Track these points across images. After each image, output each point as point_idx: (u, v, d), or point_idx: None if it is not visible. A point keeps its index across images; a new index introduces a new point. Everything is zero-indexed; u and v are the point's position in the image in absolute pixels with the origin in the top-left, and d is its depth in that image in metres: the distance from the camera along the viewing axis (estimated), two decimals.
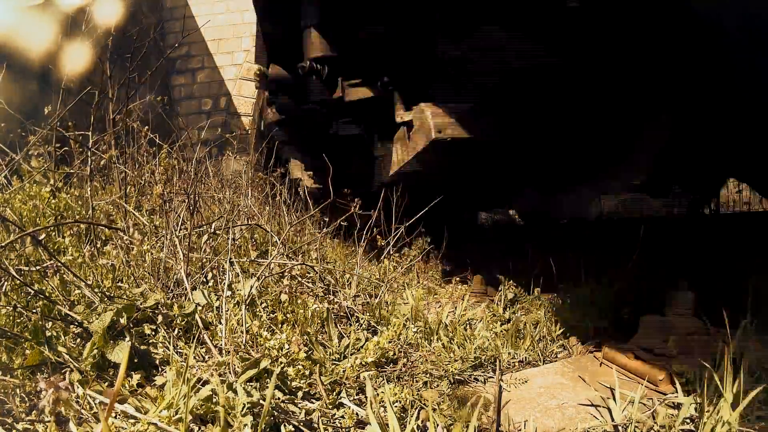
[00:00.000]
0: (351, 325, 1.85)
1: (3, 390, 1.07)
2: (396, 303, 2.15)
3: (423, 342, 1.78)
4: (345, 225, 2.84)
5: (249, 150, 5.11)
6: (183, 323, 1.53)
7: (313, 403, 1.28)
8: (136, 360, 1.28)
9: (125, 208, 2.25)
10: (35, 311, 1.35)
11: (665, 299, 1.64)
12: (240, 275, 1.80)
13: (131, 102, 2.83)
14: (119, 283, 1.80)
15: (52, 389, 0.69)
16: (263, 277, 1.90)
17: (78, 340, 1.35)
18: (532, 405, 1.41)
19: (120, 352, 1.22)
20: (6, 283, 1.46)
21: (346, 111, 3.11)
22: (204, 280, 1.90)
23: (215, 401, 1.08)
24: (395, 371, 1.58)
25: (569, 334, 1.96)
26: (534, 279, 2.44)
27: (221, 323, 1.50)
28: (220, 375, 1.21)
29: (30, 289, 1.40)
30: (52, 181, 2.54)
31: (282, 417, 1.14)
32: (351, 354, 1.62)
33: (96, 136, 2.58)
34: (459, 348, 1.74)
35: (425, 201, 2.71)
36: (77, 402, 1.08)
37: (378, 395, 1.29)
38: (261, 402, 1.11)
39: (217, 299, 1.68)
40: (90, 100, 2.41)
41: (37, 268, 1.65)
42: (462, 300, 2.23)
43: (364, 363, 1.50)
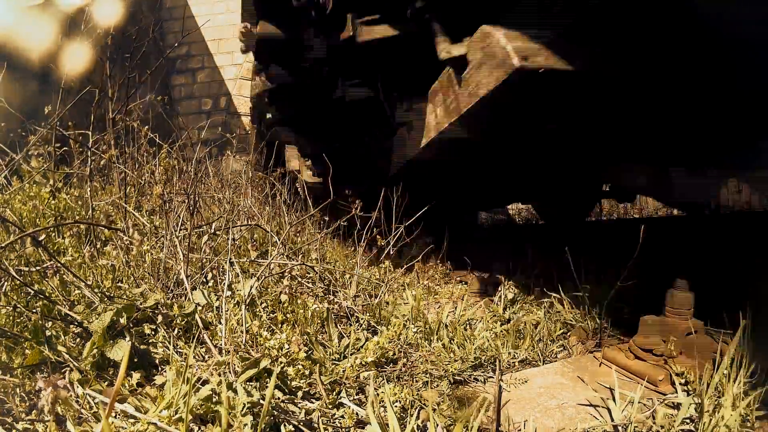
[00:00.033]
0: (351, 325, 1.85)
1: (3, 389, 1.07)
2: (396, 303, 2.15)
3: (423, 342, 1.78)
4: (345, 225, 2.83)
5: (249, 150, 5.09)
6: (183, 323, 1.53)
7: (313, 403, 1.28)
8: (136, 360, 1.28)
9: (125, 208, 2.25)
10: (35, 311, 1.35)
11: (665, 299, 1.64)
12: (240, 275, 1.80)
13: (131, 102, 2.84)
14: (119, 284, 1.80)
15: (51, 388, 0.69)
16: (263, 277, 1.90)
17: (78, 339, 1.35)
18: (532, 405, 1.41)
19: (120, 350, 1.22)
20: (6, 284, 1.46)
21: (355, 66, 2.50)
22: (204, 280, 1.90)
23: (215, 401, 1.08)
24: (395, 371, 1.58)
25: (569, 334, 1.96)
26: (534, 279, 2.45)
27: (221, 323, 1.50)
28: (220, 375, 1.21)
29: (30, 289, 1.40)
30: (51, 182, 2.54)
31: (282, 417, 1.14)
32: (351, 354, 1.62)
33: (96, 135, 2.59)
34: (459, 348, 1.74)
35: (425, 200, 2.69)
36: (77, 401, 1.08)
37: (378, 395, 1.29)
38: (261, 402, 1.11)
39: (217, 299, 1.69)
40: (90, 99, 2.41)
41: (37, 268, 1.65)
42: (462, 300, 2.23)
43: (364, 363, 1.50)
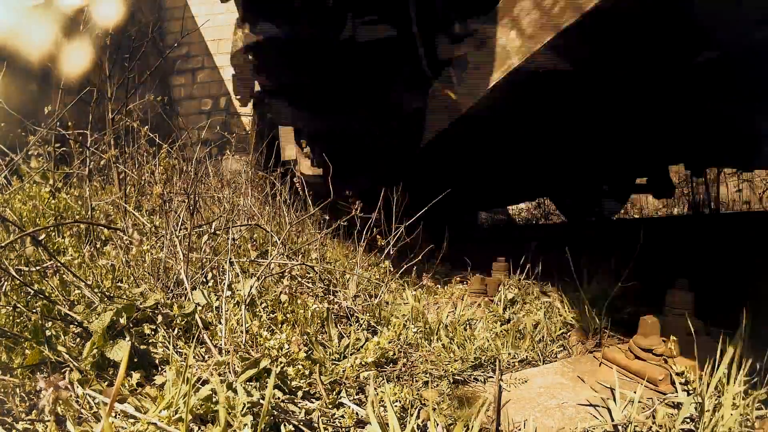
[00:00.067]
0: (351, 325, 1.85)
1: (3, 390, 1.07)
2: (396, 303, 2.15)
3: (423, 342, 1.78)
4: (345, 225, 2.83)
5: (249, 150, 5.08)
6: (183, 323, 1.53)
7: (313, 403, 1.28)
8: (135, 359, 1.28)
9: (125, 208, 2.25)
10: (35, 311, 1.35)
11: (665, 299, 1.64)
12: (240, 275, 1.80)
13: (131, 102, 2.84)
14: (119, 283, 1.80)
15: (51, 388, 0.69)
16: (263, 277, 1.90)
17: (78, 339, 1.35)
18: (531, 405, 1.41)
19: (120, 350, 1.22)
20: (6, 283, 1.46)
21: None
22: (204, 280, 1.90)
23: (215, 401, 1.08)
24: (395, 371, 1.58)
25: (569, 334, 1.96)
26: (534, 279, 2.45)
27: (221, 323, 1.50)
28: (219, 375, 1.21)
29: (30, 289, 1.40)
30: (51, 182, 2.54)
31: (282, 416, 1.14)
32: (351, 354, 1.62)
33: (95, 135, 2.59)
34: (459, 348, 1.74)
35: (425, 200, 2.69)
36: (77, 401, 1.08)
37: (378, 395, 1.29)
38: (261, 402, 1.11)
39: (217, 299, 1.69)
40: (90, 100, 2.42)
41: (37, 268, 1.65)
42: (462, 300, 2.23)
43: (364, 363, 1.50)
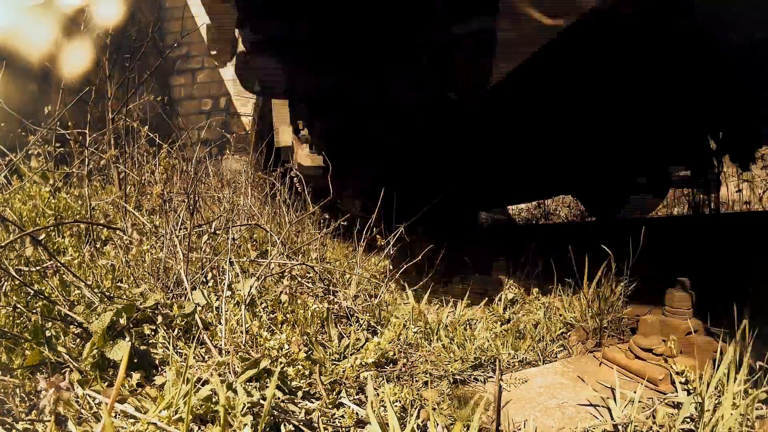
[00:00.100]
0: (351, 326, 1.85)
1: (3, 390, 1.07)
2: (396, 303, 2.15)
3: (423, 342, 1.78)
4: (345, 224, 2.83)
5: (249, 150, 5.08)
6: (183, 323, 1.53)
7: (313, 403, 1.28)
8: (135, 360, 1.28)
9: (125, 207, 2.25)
10: (35, 311, 1.35)
11: (665, 299, 1.64)
12: (240, 275, 1.80)
13: (131, 102, 2.83)
14: (119, 284, 1.80)
15: (52, 389, 0.69)
16: (263, 277, 1.90)
17: (78, 340, 1.35)
18: (532, 405, 1.41)
19: (120, 350, 1.22)
20: (6, 284, 1.46)
21: None
22: (204, 280, 1.90)
23: (215, 401, 1.08)
24: (395, 371, 1.58)
25: (569, 333, 1.96)
26: (534, 279, 2.45)
27: (221, 323, 1.50)
28: (219, 375, 1.21)
29: (30, 290, 1.40)
30: (51, 181, 2.54)
31: (282, 416, 1.14)
32: (351, 354, 1.62)
33: (94, 135, 2.59)
34: (459, 348, 1.74)
35: (425, 200, 2.69)
36: (77, 402, 1.08)
37: (378, 395, 1.29)
38: (261, 402, 1.11)
39: (217, 299, 1.69)
40: (90, 99, 2.42)
41: (37, 268, 1.65)
42: (462, 300, 2.23)
43: (364, 363, 1.50)
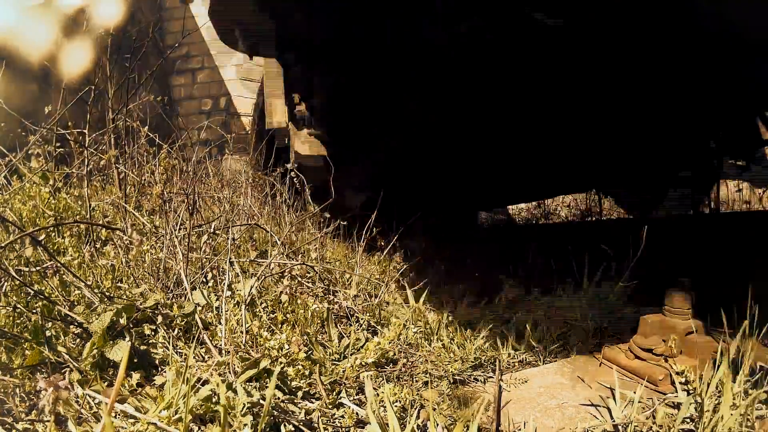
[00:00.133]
0: (351, 326, 1.85)
1: (3, 390, 1.07)
2: (396, 303, 2.15)
3: (423, 342, 1.78)
4: (345, 224, 2.83)
5: (249, 150, 5.08)
6: (183, 323, 1.53)
7: (313, 403, 1.28)
8: (135, 360, 1.28)
9: (125, 208, 2.25)
10: (35, 311, 1.35)
11: (665, 299, 1.64)
12: (240, 275, 1.80)
13: (131, 102, 2.83)
14: (119, 284, 1.80)
15: (51, 389, 0.69)
16: (263, 278, 1.90)
17: (78, 340, 1.35)
18: (532, 405, 1.41)
19: (120, 350, 1.22)
20: (6, 284, 1.46)
21: None
22: (204, 280, 1.90)
23: (215, 401, 1.08)
24: (395, 371, 1.58)
25: (569, 334, 1.96)
26: (535, 278, 2.45)
27: (221, 323, 1.50)
28: (219, 375, 1.21)
29: (30, 290, 1.40)
30: (51, 182, 2.54)
31: (282, 417, 1.14)
32: (351, 354, 1.62)
33: (94, 135, 2.59)
34: (459, 348, 1.74)
35: (425, 200, 2.69)
36: (77, 402, 1.08)
37: (378, 395, 1.29)
38: (261, 402, 1.11)
39: (217, 299, 1.69)
40: (90, 99, 2.42)
41: (37, 268, 1.65)
42: (462, 300, 2.23)
43: (364, 363, 1.50)
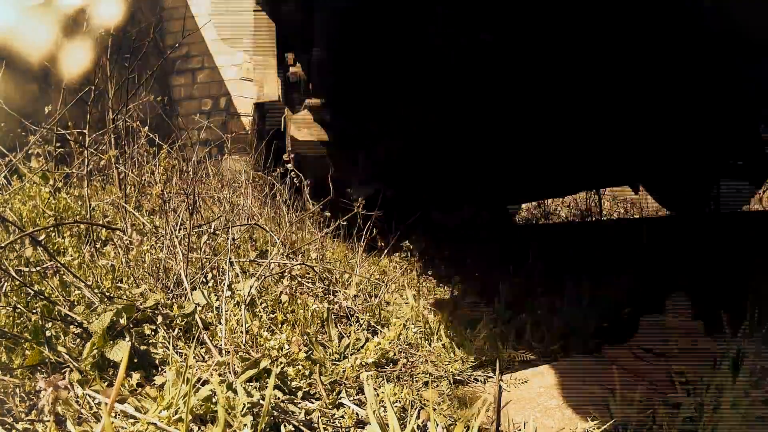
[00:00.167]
0: (351, 326, 1.85)
1: (3, 390, 1.07)
2: (396, 303, 2.15)
3: (423, 342, 1.78)
4: (345, 224, 2.83)
5: (249, 150, 5.08)
6: (183, 323, 1.53)
7: (313, 403, 1.28)
8: (135, 360, 1.28)
9: (125, 208, 2.25)
10: (35, 311, 1.35)
11: (665, 299, 1.64)
12: (240, 275, 1.80)
13: (131, 102, 2.83)
14: (119, 284, 1.80)
15: (51, 389, 0.69)
16: (263, 278, 1.90)
17: (78, 340, 1.35)
18: (532, 405, 1.40)
19: (120, 350, 1.22)
20: (6, 284, 1.46)
21: None
22: (204, 280, 1.90)
23: (215, 401, 1.08)
24: (395, 371, 1.58)
25: (569, 334, 1.96)
26: (535, 278, 2.45)
27: (221, 323, 1.50)
28: (219, 375, 1.21)
29: (30, 290, 1.40)
30: (51, 182, 2.54)
31: (282, 417, 1.14)
32: (351, 354, 1.62)
33: (94, 135, 2.59)
34: (459, 348, 1.74)
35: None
36: (77, 402, 1.08)
37: (378, 395, 1.29)
38: (261, 402, 1.11)
39: (217, 299, 1.68)
40: (90, 99, 2.41)
41: (37, 268, 1.65)
42: (462, 300, 2.23)
43: (364, 363, 1.50)
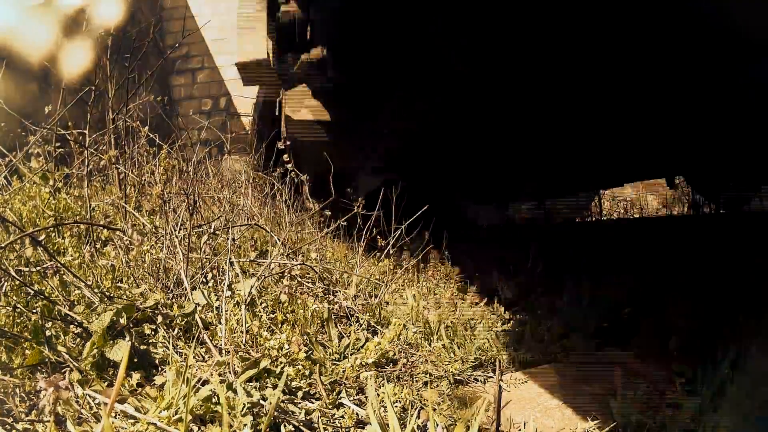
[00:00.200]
0: (351, 326, 1.84)
1: (3, 390, 1.07)
2: (396, 303, 2.15)
3: (423, 342, 1.78)
4: (345, 224, 2.83)
5: (249, 150, 5.08)
6: (183, 323, 1.53)
7: (313, 403, 1.28)
8: (135, 360, 1.28)
9: (125, 208, 2.25)
10: (35, 311, 1.35)
11: (665, 300, 1.64)
12: (240, 275, 1.80)
13: (131, 102, 2.83)
14: (119, 284, 1.80)
15: (51, 389, 0.69)
16: (263, 278, 1.89)
17: (78, 340, 1.35)
18: (532, 405, 1.40)
19: (120, 350, 1.22)
20: (6, 284, 1.46)
21: None
22: (204, 280, 1.90)
23: (215, 401, 1.08)
24: (395, 371, 1.58)
25: (570, 334, 1.96)
26: (535, 279, 2.45)
27: (221, 323, 1.50)
28: (220, 375, 1.21)
29: (30, 290, 1.40)
30: (51, 182, 2.54)
31: (282, 417, 1.14)
32: (351, 354, 1.62)
33: (94, 135, 2.59)
34: (459, 348, 1.74)
35: (425, 200, 2.69)
36: (77, 402, 1.08)
37: (378, 395, 1.29)
38: (261, 402, 1.11)
39: (217, 299, 1.68)
40: (90, 99, 2.41)
41: (37, 268, 1.65)
42: (462, 300, 2.23)
43: (364, 363, 1.50)
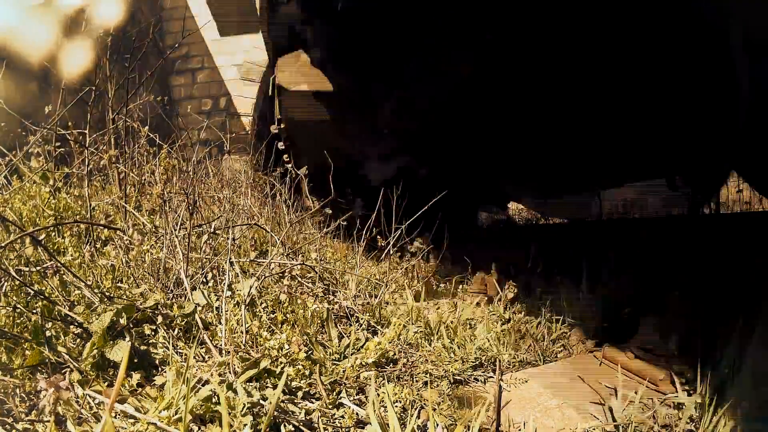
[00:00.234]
0: (351, 325, 1.84)
1: (3, 390, 1.07)
2: (396, 303, 2.15)
3: (423, 342, 1.78)
4: (345, 224, 2.83)
5: (249, 150, 5.08)
6: (183, 323, 1.53)
7: (313, 403, 1.28)
8: (135, 360, 1.28)
9: (125, 208, 2.25)
10: (35, 311, 1.35)
11: (665, 300, 1.64)
12: (240, 275, 1.80)
13: (131, 102, 2.83)
14: (119, 284, 1.80)
15: (52, 389, 0.69)
16: (263, 278, 1.89)
17: (78, 340, 1.35)
18: (532, 405, 1.40)
19: (120, 350, 1.22)
20: (6, 284, 1.46)
21: None
22: (204, 280, 1.90)
23: (215, 401, 1.08)
24: (395, 371, 1.58)
25: (570, 334, 1.96)
26: (535, 279, 2.45)
27: (221, 323, 1.50)
28: (220, 375, 1.21)
29: (30, 290, 1.40)
30: (51, 182, 2.54)
31: (282, 417, 1.14)
32: (351, 354, 1.62)
33: (94, 135, 2.59)
34: (459, 348, 1.74)
35: (425, 200, 2.68)
36: (77, 402, 1.08)
37: (378, 395, 1.29)
38: (261, 402, 1.11)
39: (217, 299, 1.68)
40: (90, 99, 2.41)
41: (37, 268, 1.65)
42: (462, 300, 2.23)
43: (364, 363, 1.50)
